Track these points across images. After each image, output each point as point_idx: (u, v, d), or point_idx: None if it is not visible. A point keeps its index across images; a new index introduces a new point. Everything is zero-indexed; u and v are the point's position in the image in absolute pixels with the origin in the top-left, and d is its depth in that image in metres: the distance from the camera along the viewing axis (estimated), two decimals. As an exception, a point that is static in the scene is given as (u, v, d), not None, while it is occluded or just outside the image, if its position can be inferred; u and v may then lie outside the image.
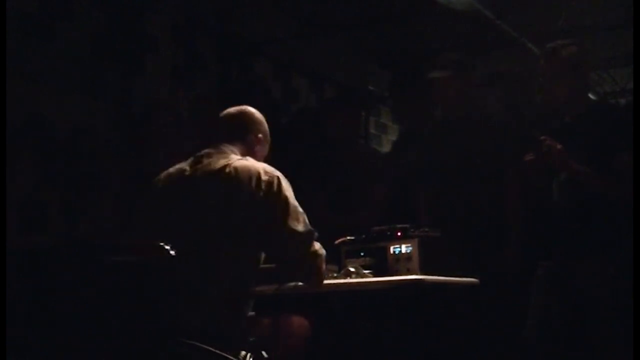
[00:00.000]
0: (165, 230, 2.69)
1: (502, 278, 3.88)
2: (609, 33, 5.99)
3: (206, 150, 2.85)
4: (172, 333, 2.49)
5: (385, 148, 6.94)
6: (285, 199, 2.69)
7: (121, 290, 2.46)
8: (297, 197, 2.74)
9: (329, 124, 4.70)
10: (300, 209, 2.74)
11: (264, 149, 2.99)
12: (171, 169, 2.88)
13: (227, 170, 2.69)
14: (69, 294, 2.54)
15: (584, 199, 3.48)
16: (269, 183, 2.67)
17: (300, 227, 2.69)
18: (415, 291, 2.83)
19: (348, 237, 3.27)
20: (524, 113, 4.66)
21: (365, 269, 3.06)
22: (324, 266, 2.81)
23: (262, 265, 2.84)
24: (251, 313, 2.68)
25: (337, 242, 3.26)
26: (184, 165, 2.85)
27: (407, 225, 3.20)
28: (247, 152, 2.88)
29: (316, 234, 2.76)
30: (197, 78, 5.65)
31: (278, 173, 2.73)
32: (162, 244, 2.35)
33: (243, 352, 2.56)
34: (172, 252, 2.35)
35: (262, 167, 2.72)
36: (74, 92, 4.90)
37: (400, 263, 3.10)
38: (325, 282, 2.99)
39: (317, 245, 2.77)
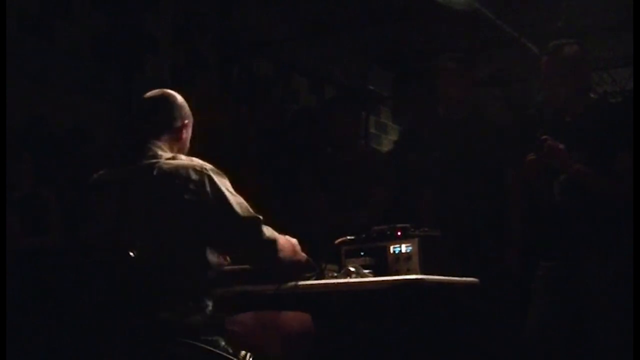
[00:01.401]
0: (107, 232, 2.67)
1: (502, 278, 3.88)
2: (609, 33, 5.99)
3: (133, 151, 2.74)
4: (167, 332, 2.48)
5: (385, 148, 6.94)
6: (220, 194, 2.60)
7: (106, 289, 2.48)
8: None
9: (329, 124, 4.69)
10: (240, 199, 2.65)
11: (189, 132, 2.87)
12: (103, 172, 2.79)
13: (155, 173, 2.60)
14: (69, 293, 2.54)
15: (585, 199, 3.46)
16: (200, 182, 2.59)
17: (242, 214, 2.61)
18: (415, 291, 2.82)
19: (348, 237, 3.26)
20: (524, 113, 4.65)
21: (365, 269, 3.05)
22: (283, 253, 2.71)
23: (229, 268, 2.81)
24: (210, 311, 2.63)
25: (337, 242, 3.25)
26: (114, 168, 2.77)
27: (407, 225, 3.19)
28: (175, 142, 2.78)
29: (261, 218, 2.66)
30: (197, 78, 5.65)
31: (208, 168, 2.63)
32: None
33: (243, 352, 2.55)
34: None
35: (191, 166, 2.63)
36: (74, 92, 4.90)
37: (400, 263, 3.08)
38: (325, 282, 2.98)
39: (268, 231, 2.68)
